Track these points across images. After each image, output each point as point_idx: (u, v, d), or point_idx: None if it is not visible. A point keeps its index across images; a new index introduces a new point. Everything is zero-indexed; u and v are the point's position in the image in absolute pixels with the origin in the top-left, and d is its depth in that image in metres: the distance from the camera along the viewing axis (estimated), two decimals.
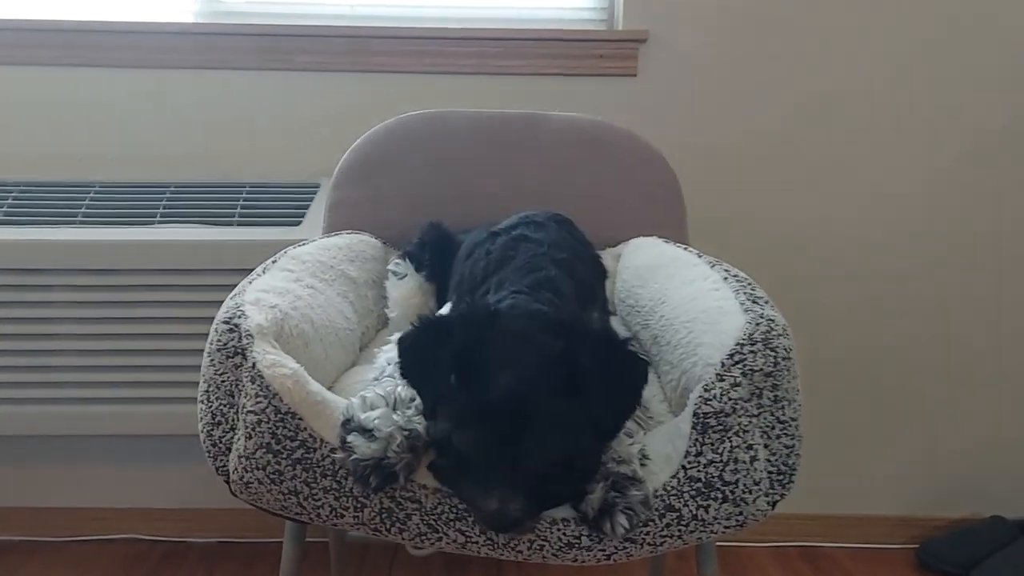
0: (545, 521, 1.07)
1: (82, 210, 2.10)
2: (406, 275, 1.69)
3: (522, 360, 1.06)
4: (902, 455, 2.49)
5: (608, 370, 1.08)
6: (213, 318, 1.23)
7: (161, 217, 2.10)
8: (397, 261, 1.73)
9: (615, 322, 1.61)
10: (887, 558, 2.45)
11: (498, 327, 1.11)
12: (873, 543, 2.50)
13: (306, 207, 2.15)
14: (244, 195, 2.18)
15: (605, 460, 1.08)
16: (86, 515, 2.40)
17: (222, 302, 1.26)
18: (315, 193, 2.20)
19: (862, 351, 2.43)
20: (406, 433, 1.07)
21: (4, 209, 2.09)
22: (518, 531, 1.06)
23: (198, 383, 1.23)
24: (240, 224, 2.10)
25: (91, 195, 2.15)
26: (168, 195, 2.16)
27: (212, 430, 1.18)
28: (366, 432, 1.06)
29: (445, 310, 1.43)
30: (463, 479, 1.05)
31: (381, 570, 2.29)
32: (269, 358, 1.14)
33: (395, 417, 1.08)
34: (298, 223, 2.09)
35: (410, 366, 1.11)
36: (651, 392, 1.27)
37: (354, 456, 1.05)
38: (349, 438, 1.06)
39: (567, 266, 1.35)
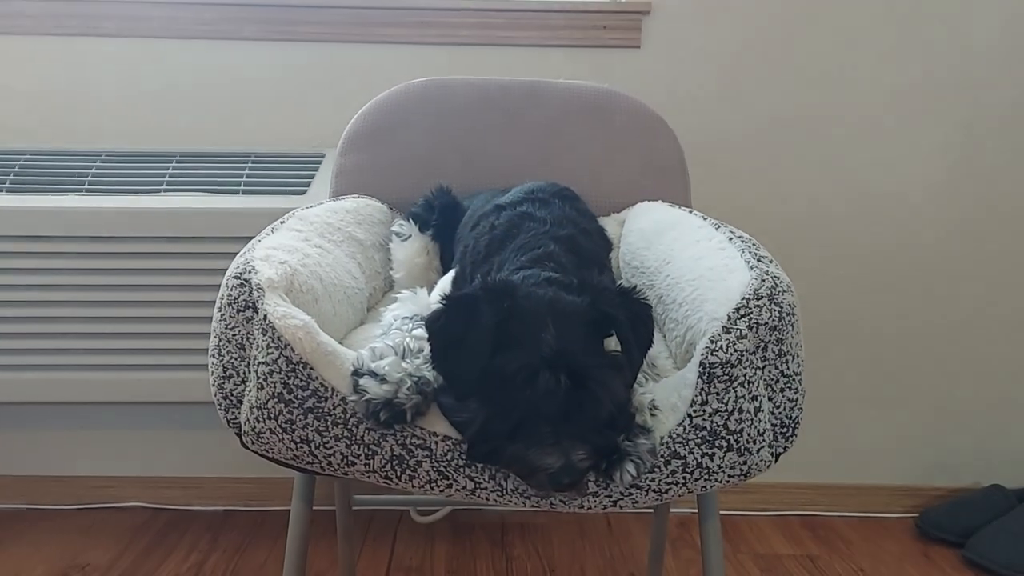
0: None
1: (88, 178, 2.11)
2: (409, 236, 1.70)
3: (559, 318, 1.07)
4: (902, 425, 2.51)
5: (632, 320, 1.12)
6: (218, 285, 1.24)
7: (167, 185, 2.11)
8: (401, 222, 1.74)
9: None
10: (887, 527, 2.48)
11: (523, 294, 1.12)
12: (873, 512, 2.53)
13: (311, 176, 2.16)
14: (249, 164, 2.19)
15: None
16: (91, 483, 2.43)
17: (227, 269, 1.27)
18: (320, 162, 2.21)
19: (861, 322, 2.45)
20: (415, 379, 1.09)
21: (11, 177, 2.10)
22: (578, 490, 1.07)
23: (204, 350, 1.25)
24: (246, 193, 2.11)
25: (97, 163, 2.16)
26: (174, 164, 2.17)
27: (223, 383, 1.19)
28: (377, 376, 1.08)
29: (450, 276, 1.46)
30: (515, 449, 1.04)
31: (386, 536, 2.31)
32: (280, 310, 1.15)
33: (404, 365, 1.10)
34: (303, 192, 2.11)
35: (445, 346, 1.10)
36: (657, 349, 1.29)
37: (367, 396, 1.08)
38: (361, 382, 1.09)
39: (569, 241, 1.36)
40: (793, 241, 2.38)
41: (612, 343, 1.13)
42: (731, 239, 1.37)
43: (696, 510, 1.36)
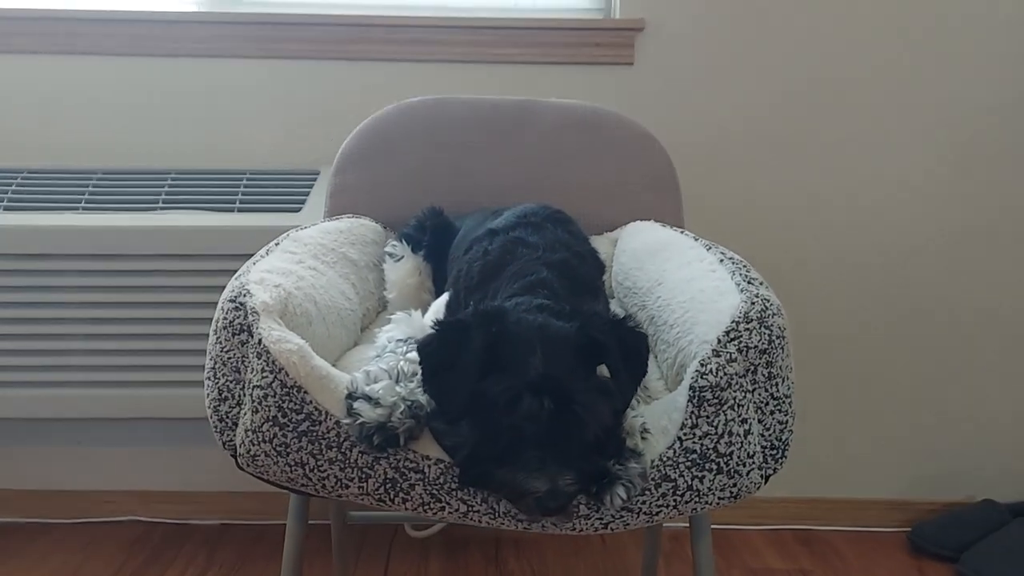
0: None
1: (85, 196, 2.12)
2: (402, 257, 1.72)
3: (548, 344, 1.09)
4: (895, 440, 2.52)
5: (623, 346, 1.13)
6: (214, 303, 1.26)
7: (163, 203, 2.12)
8: (394, 243, 1.75)
9: (613, 305, 1.63)
10: (880, 541, 2.48)
11: (513, 320, 1.13)
12: (867, 526, 2.53)
13: (306, 194, 2.17)
14: (245, 182, 2.20)
15: None
16: (89, 498, 2.43)
17: (223, 287, 1.28)
18: (315, 180, 2.22)
19: (855, 336, 2.46)
20: (409, 403, 1.11)
21: (8, 195, 2.11)
22: (566, 514, 1.08)
23: (201, 366, 1.26)
24: (241, 210, 2.12)
25: (94, 181, 2.17)
26: (170, 182, 2.18)
27: (219, 406, 1.21)
28: (371, 400, 1.10)
29: (444, 299, 1.47)
30: (503, 474, 1.06)
31: (381, 551, 2.32)
32: (275, 334, 1.17)
33: (398, 388, 1.12)
34: (298, 209, 2.12)
35: (435, 370, 1.12)
36: (648, 370, 1.30)
37: (360, 420, 1.09)
38: (355, 405, 1.10)
39: (562, 266, 1.37)
40: (785, 258, 2.39)
41: (606, 371, 1.15)
42: (722, 261, 1.39)
43: (688, 525, 1.37)
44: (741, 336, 1.16)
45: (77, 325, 2.07)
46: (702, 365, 1.15)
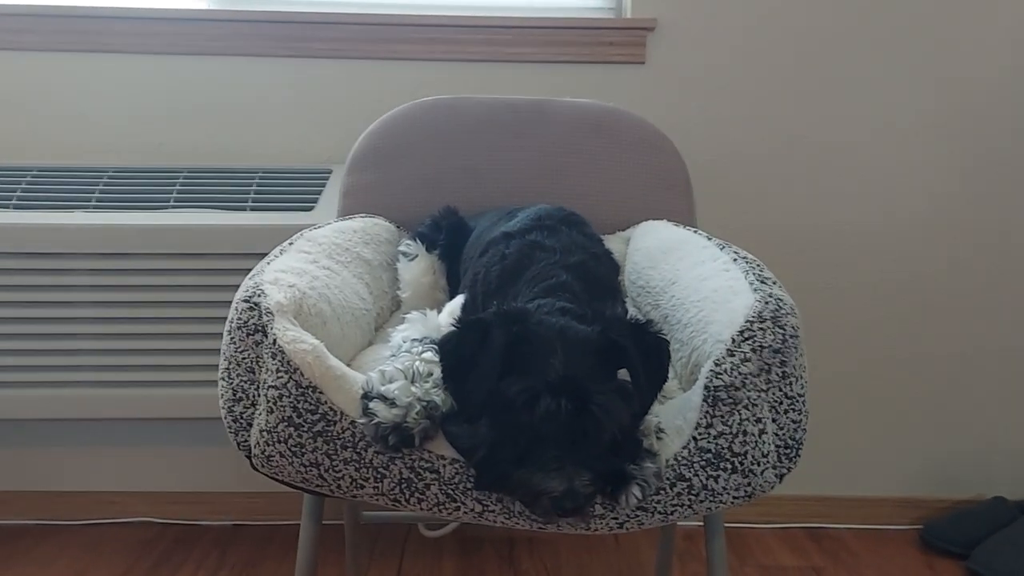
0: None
1: (96, 194, 2.12)
2: (416, 256, 1.71)
3: (569, 345, 1.09)
4: (906, 438, 2.52)
5: (643, 350, 1.13)
6: (226, 302, 1.26)
7: (174, 202, 2.12)
8: (408, 242, 1.75)
9: (628, 305, 1.63)
10: (892, 538, 2.48)
11: (535, 321, 1.13)
12: (878, 524, 2.53)
13: (319, 192, 2.17)
14: (257, 180, 2.19)
15: None
16: (99, 498, 2.43)
17: (235, 286, 1.28)
18: (327, 179, 2.22)
19: (865, 335, 2.46)
20: (424, 403, 1.11)
21: (18, 193, 2.11)
22: (583, 515, 1.08)
23: (212, 366, 1.27)
24: (253, 209, 2.11)
25: (105, 179, 2.17)
26: (181, 180, 2.18)
27: (233, 406, 1.21)
28: (387, 400, 1.10)
29: (459, 300, 1.46)
30: (520, 474, 1.05)
31: (394, 551, 2.32)
32: (289, 334, 1.17)
33: (414, 389, 1.12)
34: (311, 208, 2.11)
35: (455, 368, 1.12)
36: None
37: (376, 420, 1.09)
38: (371, 405, 1.10)
39: (579, 269, 1.37)
40: (797, 257, 2.39)
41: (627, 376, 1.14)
42: (735, 260, 1.38)
43: (703, 523, 1.37)
44: (755, 336, 1.16)
45: (87, 324, 2.07)
46: (716, 365, 1.15)
